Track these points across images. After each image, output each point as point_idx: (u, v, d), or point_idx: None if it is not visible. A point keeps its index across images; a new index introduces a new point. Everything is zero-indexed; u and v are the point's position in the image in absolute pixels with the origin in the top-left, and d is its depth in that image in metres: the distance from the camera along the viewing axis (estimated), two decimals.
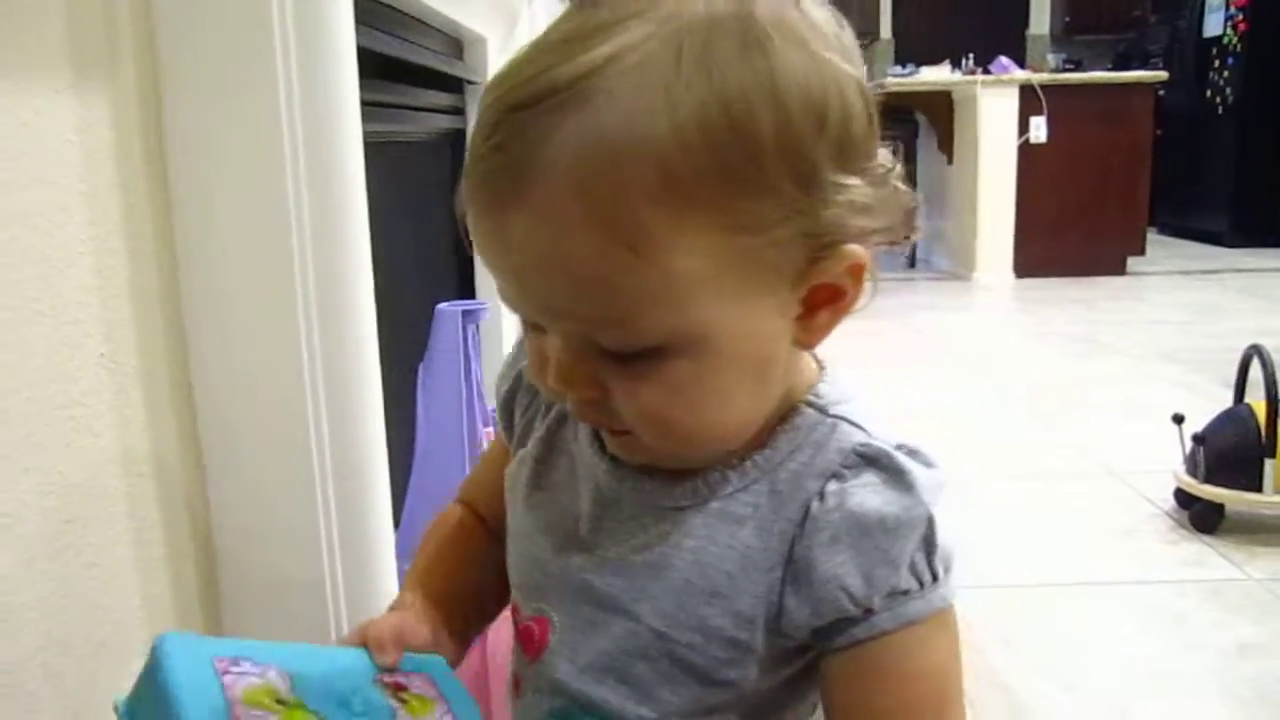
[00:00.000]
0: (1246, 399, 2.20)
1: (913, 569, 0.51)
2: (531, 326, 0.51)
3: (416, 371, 1.11)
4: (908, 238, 0.51)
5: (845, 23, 0.48)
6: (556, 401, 0.55)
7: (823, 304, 0.50)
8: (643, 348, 0.46)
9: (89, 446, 0.68)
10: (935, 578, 0.51)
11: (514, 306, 0.49)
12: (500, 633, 0.89)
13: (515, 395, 0.64)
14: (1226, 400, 2.30)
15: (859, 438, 0.52)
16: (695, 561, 0.53)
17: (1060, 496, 2.42)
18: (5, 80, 0.59)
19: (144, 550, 0.74)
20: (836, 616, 0.51)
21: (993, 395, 3.34)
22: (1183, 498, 2.24)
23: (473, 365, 1.08)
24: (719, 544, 0.53)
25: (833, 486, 0.51)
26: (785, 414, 0.54)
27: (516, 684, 0.62)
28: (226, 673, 0.48)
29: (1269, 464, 2.07)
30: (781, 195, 0.45)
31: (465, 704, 0.54)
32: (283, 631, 0.82)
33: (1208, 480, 2.13)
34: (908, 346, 4.08)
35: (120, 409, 0.71)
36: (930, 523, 0.51)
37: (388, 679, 0.53)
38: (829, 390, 0.55)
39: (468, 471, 1.10)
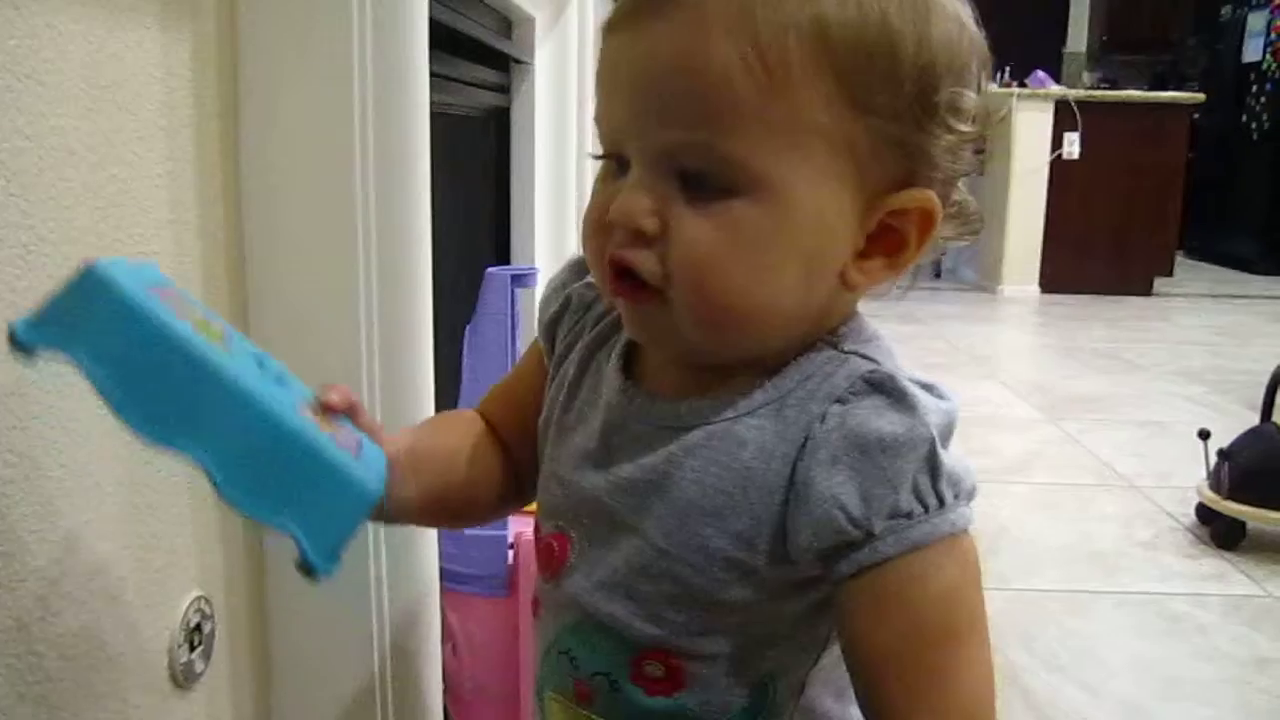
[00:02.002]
0: (1273, 419, 2.20)
1: (915, 491, 0.50)
2: (615, 170, 0.52)
3: (462, 335, 1.12)
4: (973, 233, 0.56)
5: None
6: (595, 272, 0.54)
7: (882, 251, 0.52)
8: (726, 177, 0.48)
9: None
10: (942, 501, 0.50)
11: (615, 125, 0.51)
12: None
13: (560, 318, 0.65)
14: (1250, 421, 2.30)
15: (867, 366, 0.53)
16: (697, 481, 0.54)
17: (1081, 506, 2.42)
18: (101, 12, 0.61)
19: (196, 485, 0.75)
20: (837, 540, 0.50)
21: (1016, 405, 3.33)
22: (1205, 513, 2.23)
23: (518, 330, 1.10)
24: (720, 465, 0.53)
25: (835, 409, 0.51)
26: (804, 349, 0.54)
27: (535, 604, 0.63)
28: (155, 287, 0.49)
29: None
30: (901, 95, 0.49)
31: (378, 456, 0.55)
32: (323, 617, 0.83)
33: (1231, 496, 2.13)
34: (935, 354, 4.08)
35: None
36: (932, 443, 0.50)
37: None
38: (849, 332, 0.55)
39: None
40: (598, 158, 0.54)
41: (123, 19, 0.63)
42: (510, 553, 1.08)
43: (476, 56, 1.59)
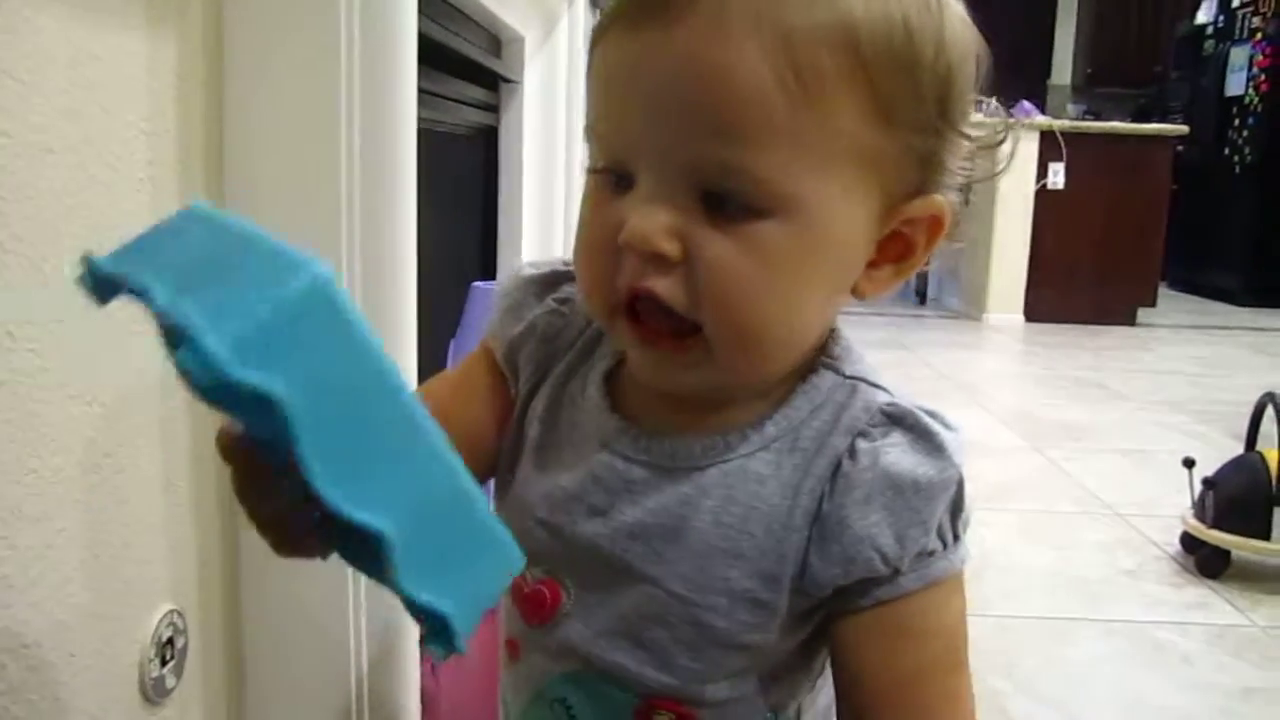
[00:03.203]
0: (1258, 448, 2.20)
1: (939, 530, 0.51)
2: (614, 185, 0.49)
3: (446, 349, 1.11)
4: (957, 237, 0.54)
5: None
6: (595, 301, 0.49)
7: (890, 257, 0.51)
8: (753, 196, 0.45)
9: (132, 385, 0.68)
10: (956, 538, 0.52)
11: (623, 137, 0.47)
12: None
13: (522, 345, 0.60)
14: (1233, 450, 2.29)
15: (883, 397, 0.53)
16: (716, 523, 0.52)
17: (1065, 534, 2.41)
18: (83, 12, 0.60)
19: (171, 495, 0.74)
20: (865, 576, 0.50)
21: (1000, 432, 3.33)
22: (1189, 542, 2.23)
23: None
24: (740, 504, 0.52)
25: (863, 445, 0.51)
26: (803, 374, 0.54)
27: (514, 648, 0.60)
28: None
29: (1278, 512, 2.06)
30: (925, 105, 0.48)
31: None
32: (300, 634, 0.82)
33: (1215, 525, 2.12)
34: (919, 380, 4.08)
35: (162, 359, 0.72)
36: (960, 485, 0.51)
37: None
38: (842, 352, 0.55)
39: None
40: (595, 171, 0.50)
41: (106, 19, 0.62)
42: None
43: (466, 75, 1.59)
